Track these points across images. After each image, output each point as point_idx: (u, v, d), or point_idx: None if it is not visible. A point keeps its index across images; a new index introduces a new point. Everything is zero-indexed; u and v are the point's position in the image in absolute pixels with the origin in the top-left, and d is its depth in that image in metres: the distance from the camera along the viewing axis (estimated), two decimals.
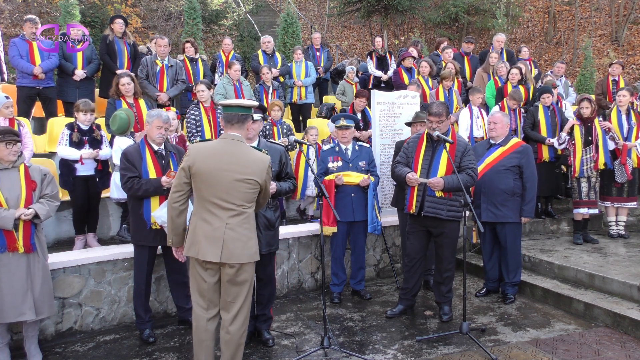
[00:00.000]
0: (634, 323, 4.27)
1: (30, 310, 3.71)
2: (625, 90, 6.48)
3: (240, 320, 3.32)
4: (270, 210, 4.01)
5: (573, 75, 14.30)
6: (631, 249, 5.97)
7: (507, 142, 5.03)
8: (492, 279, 5.22)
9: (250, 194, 3.26)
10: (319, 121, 8.16)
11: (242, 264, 3.23)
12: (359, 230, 5.16)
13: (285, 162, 4.11)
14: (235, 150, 3.23)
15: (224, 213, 3.20)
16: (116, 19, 7.39)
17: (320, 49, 9.38)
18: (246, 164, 3.21)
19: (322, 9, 19.41)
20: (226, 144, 3.26)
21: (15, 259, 3.70)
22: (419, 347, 4.11)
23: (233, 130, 3.29)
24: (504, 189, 4.91)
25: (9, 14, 12.36)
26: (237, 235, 3.20)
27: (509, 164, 4.93)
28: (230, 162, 3.19)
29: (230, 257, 3.19)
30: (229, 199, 3.19)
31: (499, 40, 8.72)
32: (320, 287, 5.42)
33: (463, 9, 15.34)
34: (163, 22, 14.28)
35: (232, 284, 3.26)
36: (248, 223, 3.27)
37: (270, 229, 4.01)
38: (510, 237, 5.00)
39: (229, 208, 3.20)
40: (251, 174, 3.21)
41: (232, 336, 3.30)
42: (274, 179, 4.00)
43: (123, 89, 5.60)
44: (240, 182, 3.19)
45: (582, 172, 6.15)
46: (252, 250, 3.27)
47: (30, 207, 3.74)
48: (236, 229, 3.20)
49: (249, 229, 3.27)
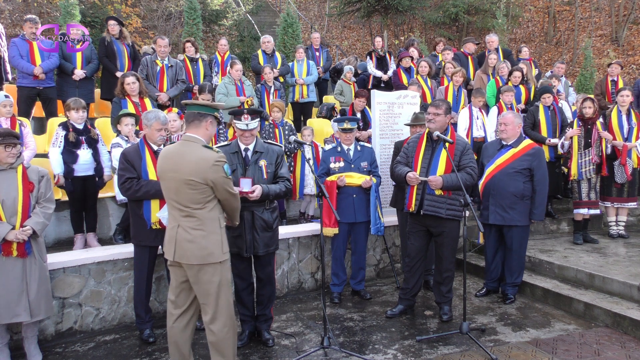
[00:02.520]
0: (634, 323, 4.27)
1: (25, 311, 3.69)
2: (627, 90, 6.46)
3: (221, 320, 3.31)
4: (268, 211, 4.00)
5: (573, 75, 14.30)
6: (631, 249, 5.97)
7: (519, 143, 4.94)
8: (492, 278, 5.21)
9: (196, 194, 3.19)
10: (319, 121, 8.17)
11: (201, 265, 3.22)
12: (360, 231, 5.16)
13: (280, 163, 4.07)
14: (184, 151, 3.22)
15: (177, 213, 3.27)
16: (109, 20, 7.38)
17: (320, 49, 9.37)
18: (188, 164, 3.17)
19: (322, 9, 19.42)
20: (180, 145, 3.29)
21: (11, 261, 3.69)
22: (419, 347, 4.11)
23: (190, 130, 3.29)
24: (513, 191, 4.86)
25: (9, 14, 12.35)
26: (190, 236, 3.21)
27: (520, 167, 4.86)
28: (176, 163, 3.20)
29: (182, 257, 3.24)
30: (178, 200, 3.23)
31: (490, 41, 8.73)
32: (320, 287, 5.42)
33: (463, 9, 15.34)
34: (163, 22, 14.29)
35: (196, 285, 3.28)
36: (202, 224, 3.23)
37: (267, 230, 3.99)
38: (517, 240, 4.97)
39: (180, 209, 3.24)
40: (189, 174, 3.15)
41: (216, 336, 3.30)
42: (271, 180, 4.00)
43: (128, 88, 5.60)
44: (183, 184, 3.17)
45: (580, 174, 6.13)
46: (206, 252, 3.22)
47: (26, 224, 3.71)
48: (188, 230, 3.22)
49: (204, 230, 3.22)
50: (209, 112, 3.34)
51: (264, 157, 3.98)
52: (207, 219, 3.25)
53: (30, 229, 3.71)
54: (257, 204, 3.93)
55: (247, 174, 3.93)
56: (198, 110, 3.30)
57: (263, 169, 3.95)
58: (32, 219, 3.77)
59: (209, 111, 3.34)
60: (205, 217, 3.24)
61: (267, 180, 3.97)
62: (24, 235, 3.67)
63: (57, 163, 5.12)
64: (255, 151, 3.99)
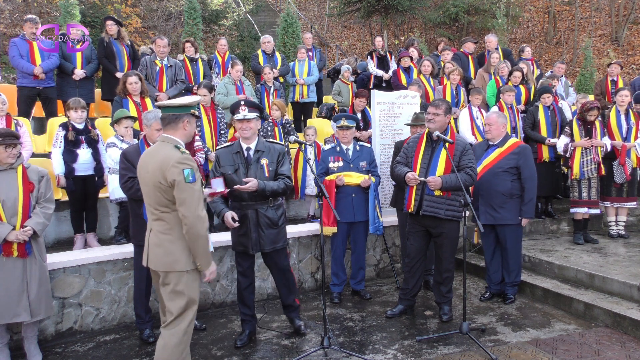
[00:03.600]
0: (634, 323, 4.27)
1: (25, 311, 3.70)
2: (625, 90, 6.46)
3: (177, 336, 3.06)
4: (272, 209, 4.05)
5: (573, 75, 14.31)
6: (631, 249, 5.97)
7: (505, 143, 4.97)
8: (495, 281, 5.17)
9: (163, 197, 3.05)
10: (319, 121, 8.17)
11: (167, 272, 3.09)
12: (360, 231, 5.16)
13: (281, 161, 4.10)
14: (156, 152, 3.13)
15: (150, 216, 3.18)
16: (107, 20, 7.38)
17: (313, 49, 9.33)
18: (155, 165, 3.06)
19: (322, 9, 19.43)
20: (155, 146, 3.21)
21: (11, 261, 3.69)
22: (419, 347, 4.11)
23: (168, 132, 3.18)
24: (501, 191, 4.87)
25: (9, 14, 12.36)
26: (158, 241, 3.10)
27: (507, 166, 4.88)
28: (148, 164, 3.12)
29: (151, 262, 3.16)
30: (150, 202, 3.13)
31: (488, 41, 8.75)
32: (320, 287, 5.42)
33: (463, 9, 15.36)
34: (163, 22, 14.30)
35: (163, 291, 3.16)
36: (171, 229, 3.07)
37: (273, 228, 4.06)
38: (511, 238, 4.97)
39: (152, 212, 3.15)
40: (154, 173, 3.03)
41: (164, 342, 3.07)
42: (273, 179, 4.02)
43: (130, 87, 5.61)
44: (153, 185, 3.07)
45: (582, 173, 6.13)
46: (172, 258, 3.06)
47: (26, 224, 3.72)
48: (158, 234, 3.12)
49: (172, 235, 3.07)
50: (184, 111, 3.20)
51: (266, 156, 4.01)
52: (177, 224, 3.07)
53: (31, 230, 3.71)
54: (261, 202, 3.98)
55: (249, 173, 3.96)
56: (172, 112, 3.17)
57: (265, 168, 3.99)
58: (33, 219, 3.77)
59: (184, 111, 3.20)
60: (174, 222, 3.07)
61: (269, 179, 4.00)
62: (25, 236, 3.68)
63: (58, 164, 5.13)
64: (257, 150, 4.03)
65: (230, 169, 4.01)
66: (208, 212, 6.13)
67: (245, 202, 4.01)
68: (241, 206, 4.03)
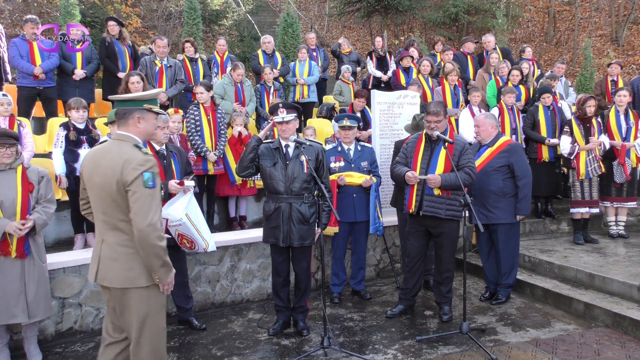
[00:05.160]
0: (634, 323, 4.27)
1: (23, 312, 3.68)
2: (624, 90, 6.47)
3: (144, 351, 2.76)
4: (306, 205, 4.17)
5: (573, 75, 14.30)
6: (631, 249, 5.97)
7: (495, 142, 4.96)
8: (492, 281, 5.17)
9: (123, 203, 2.69)
10: (319, 121, 8.17)
11: (124, 289, 2.73)
12: (361, 231, 5.17)
13: (321, 161, 4.24)
14: (111, 151, 2.79)
15: (101, 226, 2.80)
16: (109, 20, 7.37)
17: (317, 49, 9.34)
18: (110, 166, 2.71)
19: (322, 9, 19.42)
20: (108, 144, 2.89)
21: (9, 262, 3.68)
22: (419, 347, 4.11)
23: (120, 128, 2.87)
24: (494, 190, 4.87)
25: (9, 14, 12.36)
26: (114, 254, 2.73)
27: (497, 165, 4.87)
28: (99, 165, 2.76)
29: (104, 278, 2.76)
30: (104, 209, 2.75)
31: (487, 41, 8.74)
32: (320, 287, 5.42)
33: (463, 9, 15.34)
34: (163, 22, 14.29)
35: (120, 312, 2.80)
36: (130, 241, 2.70)
37: (304, 224, 4.16)
38: (503, 238, 4.95)
39: (105, 220, 2.77)
40: (113, 175, 2.68)
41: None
42: (311, 175, 4.12)
43: (132, 87, 5.62)
44: (105, 191, 2.71)
45: (587, 173, 6.13)
46: (132, 274, 2.71)
47: (28, 217, 3.71)
48: (112, 246, 2.74)
49: (131, 248, 2.71)
50: (135, 106, 2.85)
51: (305, 153, 4.12)
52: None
53: (32, 221, 3.69)
54: (296, 197, 4.12)
55: (287, 169, 4.14)
56: (122, 107, 2.87)
57: (304, 164, 4.14)
58: (33, 214, 3.77)
59: (134, 105, 2.86)
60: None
61: (307, 175, 4.14)
62: (24, 228, 3.64)
63: (59, 164, 5.12)
64: (296, 147, 4.17)
65: (270, 163, 4.17)
66: (208, 212, 6.20)
67: (280, 195, 4.13)
68: (276, 199, 4.14)
